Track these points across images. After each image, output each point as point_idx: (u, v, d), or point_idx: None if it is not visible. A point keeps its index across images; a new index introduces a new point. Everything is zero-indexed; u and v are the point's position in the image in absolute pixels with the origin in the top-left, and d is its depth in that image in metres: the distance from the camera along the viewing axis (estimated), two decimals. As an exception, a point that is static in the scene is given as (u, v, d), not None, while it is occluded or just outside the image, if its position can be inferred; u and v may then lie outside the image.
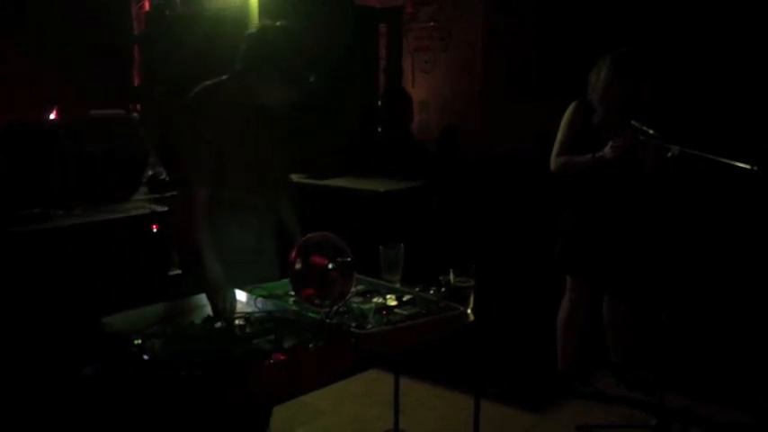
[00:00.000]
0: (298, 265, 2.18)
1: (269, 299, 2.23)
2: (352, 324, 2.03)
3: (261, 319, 2.06)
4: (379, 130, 5.21)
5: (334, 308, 2.08)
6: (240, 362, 1.77)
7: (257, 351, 1.84)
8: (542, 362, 3.82)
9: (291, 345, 1.87)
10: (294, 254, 2.20)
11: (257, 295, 2.25)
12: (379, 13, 5.81)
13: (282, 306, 2.18)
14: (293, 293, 2.24)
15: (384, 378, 3.16)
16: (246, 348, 1.85)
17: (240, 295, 2.28)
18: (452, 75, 5.65)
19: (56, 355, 3.04)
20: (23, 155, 3.44)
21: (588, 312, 3.63)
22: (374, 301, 2.26)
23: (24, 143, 3.48)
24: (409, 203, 4.52)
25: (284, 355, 1.82)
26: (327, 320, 2.01)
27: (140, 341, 1.88)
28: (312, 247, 2.20)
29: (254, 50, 2.40)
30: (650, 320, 3.36)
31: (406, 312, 2.17)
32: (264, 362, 1.79)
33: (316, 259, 2.18)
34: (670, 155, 2.91)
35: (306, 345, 1.87)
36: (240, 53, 2.43)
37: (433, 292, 2.36)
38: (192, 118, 2.39)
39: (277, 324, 2.01)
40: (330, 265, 2.15)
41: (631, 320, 3.68)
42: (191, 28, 4.94)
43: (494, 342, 3.50)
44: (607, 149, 3.22)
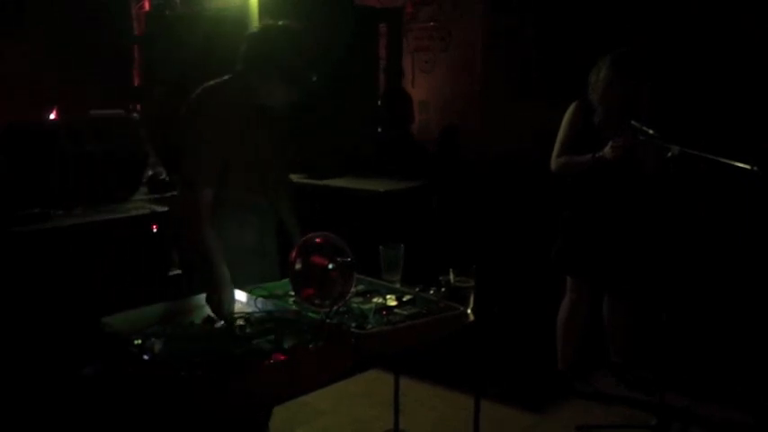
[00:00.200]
0: (298, 265, 2.18)
1: (269, 299, 2.23)
2: (352, 324, 2.03)
3: (261, 319, 2.06)
4: (379, 130, 5.21)
5: (334, 308, 2.08)
6: (240, 362, 1.77)
7: (257, 351, 1.84)
8: (542, 362, 3.82)
9: (291, 345, 1.87)
10: (294, 254, 2.20)
11: (257, 295, 2.25)
12: (379, 13, 5.81)
13: (282, 306, 2.18)
14: (293, 293, 2.24)
15: (384, 378, 3.16)
16: (246, 348, 1.85)
17: (240, 295, 2.28)
18: (452, 75, 5.65)
19: (56, 355, 3.04)
20: (23, 155, 3.44)
21: (588, 312, 3.64)
22: (374, 301, 2.26)
23: (24, 143, 3.48)
24: (409, 203, 4.51)
25: (284, 355, 1.82)
26: (327, 320, 2.01)
27: (140, 341, 1.87)
28: (312, 247, 2.20)
29: (256, 50, 2.40)
30: (650, 320, 3.35)
31: (406, 312, 2.16)
32: (264, 362, 1.79)
33: (316, 259, 2.18)
34: (670, 155, 2.91)
35: (306, 345, 1.87)
36: (241, 53, 2.43)
37: (433, 292, 2.36)
38: (194, 118, 2.39)
39: (277, 324, 2.01)
40: (330, 265, 2.15)
41: (631, 320, 3.69)
42: (191, 28, 4.94)
43: (494, 342, 3.50)
44: (607, 149, 3.22)
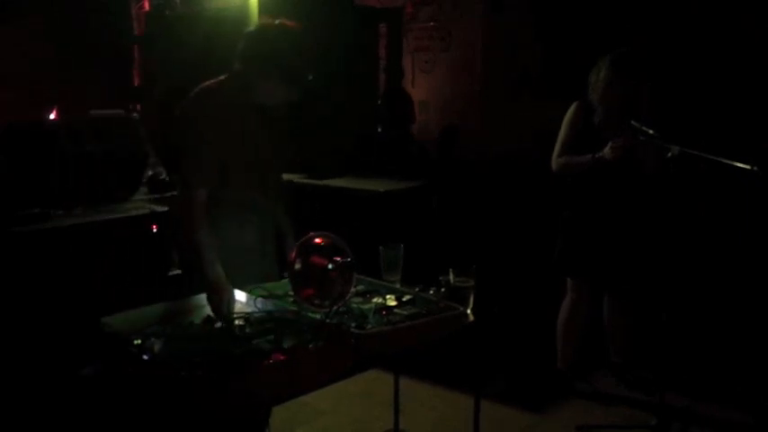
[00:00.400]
0: (298, 265, 2.18)
1: (269, 299, 2.23)
2: (352, 324, 2.03)
3: (261, 319, 2.06)
4: (379, 130, 5.21)
5: (334, 308, 2.08)
6: (240, 362, 1.77)
7: (257, 351, 1.84)
8: (542, 362, 3.82)
9: (291, 345, 1.87)
10: (294, 254, 2.20)
11: (257, 295, 2.24)
12: (379, 13, 5.81)
13: (282, 306, 2.18)
14: (293, 293, 2.24)
15: (384, 378, 3.16)
16: (246, 348, 1.85)
17: (240, 295, 2.28)
18: (452, 75, 5.64)
19: (56, 355, 3.04)
20: (23, 155, 3.44)
21: (588, 312, 3.64)
22: (374, 301, 2.26)
23: (24, 143, 3.48)
24: (409, 203, 4.52)
25: (284, 355, 1.82)
26: (327, 320, 2.01)
27: (140, 341, 1.87)
28: (312, 248, 2.20)
29: (254, 49, 2.39)
30: (650, 320, 3.35)
31: (405, 312, 2.16)
32: (264, 362, 1.79)
33: (315, 259, 2.17)
34: (670, 155, 2.91)
35: (306, 345, 1.87)
36: (239, 52, 2.42)
37: (432, 292, 2.36)
38: (192, 119, 2.38)
39: (277, 324, 2.01)
40: (330, 266, 2.14)
41: (631, 320, 3.69)
42: (191, 28, 4.95)
43: (494, 342, 3.50)
44: (607, 150, 3.22)
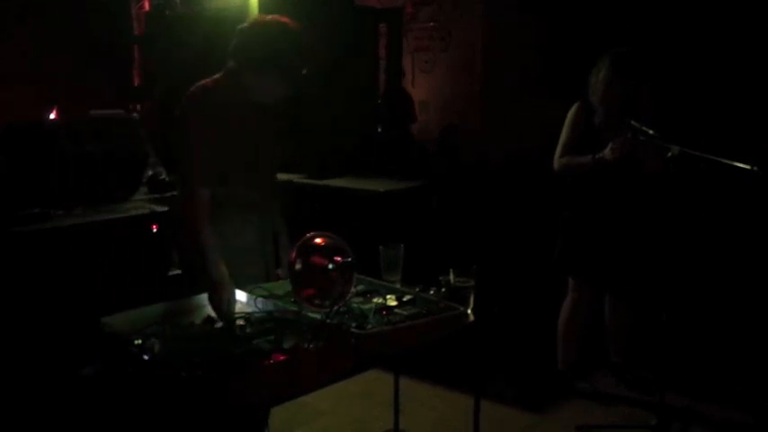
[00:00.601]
0: (298, 266, 2.18)
1: (269, 299, 2.23)
2: (352, 324, 2.03)
3: (261, 319, 2.06)
4: (379, 130, 5.21)
5: (335, 308, 2.08)
6: (240, 362, 1.77)
7: (257, 351, 1.84)
8: (542, 362, 3.82)
9: (291, 345, 1.87)
10: (294, 254, 2.20)
11: (257, 295, 2.24)
12: (379, 13, 5.81)
13: (282, 306, 2.18)
14: (293, 293, 2.24)
15: (384, 378, 3.16)
16: (246, 348, 1.85)
17: (240, 295, 2.28)
18: (452, 75, 5.64)
19: (56, 355, 3.04)
20: (23, 155, 3.44)
21: (589, 312, 3.64)
22: (374, 301, 2.25)
23: (24, 143, 3.48)
24: (409, 203, 4.51)
25: (284, 355, 1.82)
26: (327, 320, 2.01)
27: (140, 341, 1.87)
28: (312, 248, 2.20)
29: (247, 44, 2.38)
30: (650, 320, 3.36)
31: (406, 312, 2.16)
32: (264, 362, 1.79)
33: (316, 259, 2.17)
34: (670, 155, 2.91)
35: (306, 345, 1.87)
36: (233, 49, 2.42)
37: (433, 292, 2.35)
38: (190, 118, 2.38)
39: (277, 324, 2.01)
40: (330, 266, 2.14)
41: (631, 320, 3.69)
42: (191, 28, 4.94)
43: (494, 342, 3.50)
44: (607, 151, 3.22)
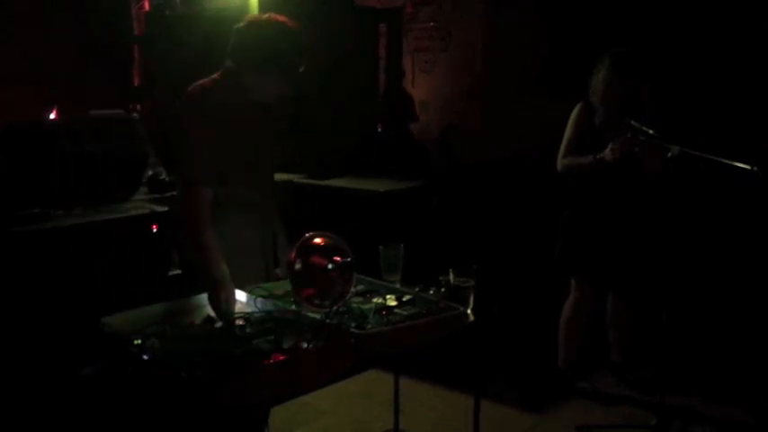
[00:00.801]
0: (298, 266, 2.18)
1: (269, 299, 2.23)
2: (352, 324, 2.02)
3: (261, 319, 2.06)
4: (380, 130, 5.21)
5: (334, 308, 2.08)
6: (240, 362, 1.77)
7: (257, 351, 1.84)
8: (542, 362, 3.82)
9: (291, 345, 1.87)
10: (294, 254, 2.20)
11: (257, 295, 2.24)
12: (379, 13, 5.81)
13: (282, 306, 2.18)
14: (293, 293, 2.24)
15: (384, 378, 3.16)
16: (246, 348, 1.85)
17: (240, 295, 2.28)
18: (452, 75, 5.65)
19: (56, 355, 3.04)
20: (23, 155, 3.44)
21: (591, 312, 3.63)
22: (374, 301, 2.25)
23: (24, 143, 3.48)
24: (409, 203, 4.52)
25: (284, 355, 1.82)
26: (327, 320, 2.01)
27: (140, 341, 1.87)
28: (312, 248, 2.20)
29: (246, 44, 2.38)
30: (650, 320, 3.36)
31: (405, 312, 2.16)
32: (264, 362, 1.79)
33: (315, 259, 2.17)
34: (670, 155, 2.91)
35: (306, 345, 1.87)
36: (230, 48, 2.42)
37: (432, 292, 2.35)
38: (188, 118, 2.38)
39: (277, 324, 2.01)
40: (330, 266, 2.14)
41: (633, 320, 3.69)
42: (191, 28, 4.95)
43: (494, 342, 3.50)
44: (607, 151, 3.22)
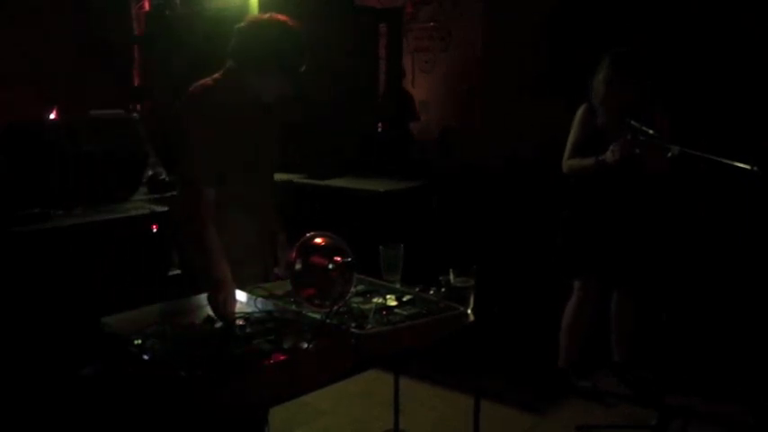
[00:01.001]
0: (298, 265, 2.18)
1: (269, 299, 2.23)
2: (352, 324, 2.03)
3: (261, 319, 2.06)
4: (380, 130, 5.21)
5: (335, 308, 2.08)
6: (240, 362, 1.77)
7: (257, 351, 1.84)
8: (542, 361, 3.82)
9: (291, 345, 1.87)
10: (294, 254, 2.20)
11: (257, 295, 2.24)
12: (379, 13, 5.82)
13: (282, 306, 2.18)
14: (293, 293, 2.24)
15: (384, 378, 3.16)
16: (246, 348, 1.85)
17: (240, 295, 2.28)
18: (452, 75, 5.65)
19: (56, 355, 3.04)
20: (23, 155, 3.44)
21: (594, 312, 3.63)
22: (374, 301, 2.25)
23: (24, 143, 3.48)
24: (409, 203, 4.52)
25: (284, 355, 1.82)
26: (327, 320, 2.01)
27: (140, 341, 1.87)
28: (312, 247, 2.20)
29: (247, 44, 2.38)
30: (651, 320, 3.36)
31: (405, 312, 2.16)
32: (264, 362, 1.79)
33: (316, 259, 2.17)
34: (670, 155, 2.91)
35: (306, 345, 1.87)
36: (231, 48, 2.42)
37: (433, 292, 2.35)
38: (189, 118, 2.38)
39: (277, 324, 2.01)
40: (330, 266, 2.14)
41: (633, 320, 3.68)
42: (191, 28, 4.95)
43: (494, 342, 3.50)
44: (608, 153, 3.22)
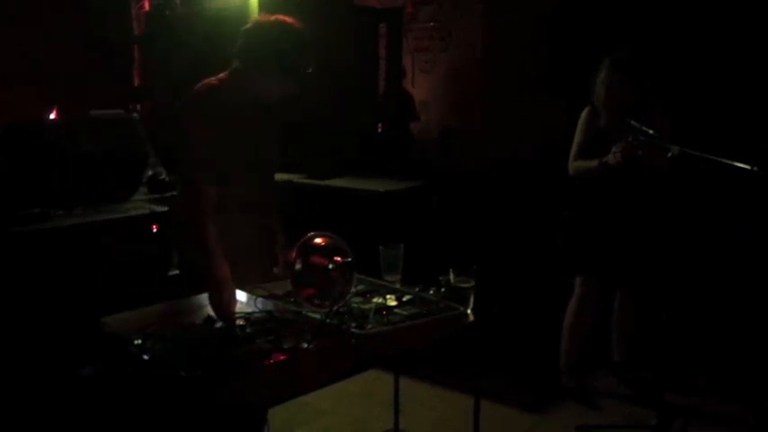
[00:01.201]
0: (298, 265, 2.18)
1: (269, 299, 2.23)
2: (352, 324, 2.03)
3: (261, 319, 2.06)
4: (380, 130, 5.21)
5: (335, 308, 2.08)
6: (240, 362, 1.77)
7: (257, 351, 1.84)
8: (542, 362, 3.81)
9: (291, 345, 1.87)
10: (294, 254, 2.20)
11: (257, 295, 2.24)
12: (379, 13, 5.82)
13: (282, 306, 2.18)
14: (293, 293, 2.24)
15: (384, 378, 3.16)
16: (246, 348, 1.85)
17: (240, 295, 2.28)
18: (452, 75, 5.65)
19: (56, 355, 3.04)
20: (23, 155, 3.44)
21: (595, 311, 3.63)
22: (374, 301, 2.25)
23: (24, 143, 3.48)
24: (409, 203, 4.52)
25: (284, 355, 1.82)
26: (327, 320, 2.01)
27: (140, 341, 1.87)
28: (312, 247, 2.20)
29: (251, 45, 2.39)
30: (650, 320, 3.36)
31: (406, 312, 2.16)
32: (264, 362, 1.79)
33: (316, 259, 2.17)
34: (670, 155, 2.91)
35: (306, 345, 1.87)
36: (238, 50, 2.42)
37: (432, 292, 2.35)
38: (192, 118, 2.38)
39: (277, 324, 2.01)
40: (330, 265, 2.14)
41: (634, 320, 3.68)
42: (191, 28, 4.95)
43: (494, 342, 3.50)
44: (610, 156, 3.22)
